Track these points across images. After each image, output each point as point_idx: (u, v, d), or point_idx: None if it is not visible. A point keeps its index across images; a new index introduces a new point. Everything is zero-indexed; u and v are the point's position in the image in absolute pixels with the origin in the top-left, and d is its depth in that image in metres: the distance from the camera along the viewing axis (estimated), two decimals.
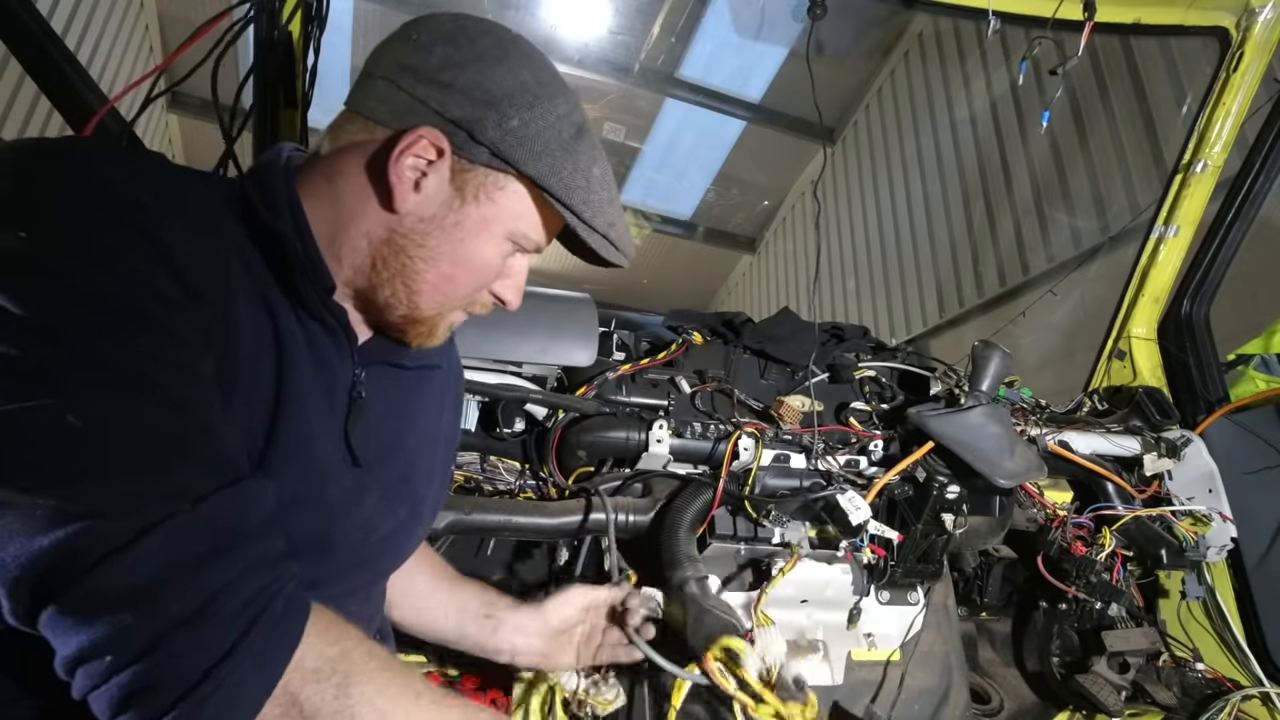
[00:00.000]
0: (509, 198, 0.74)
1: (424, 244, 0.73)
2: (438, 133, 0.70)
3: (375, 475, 0.79)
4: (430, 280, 0.75)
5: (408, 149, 0.70)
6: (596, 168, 0.76)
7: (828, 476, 1.48)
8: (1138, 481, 1.78)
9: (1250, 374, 2.05)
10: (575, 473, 1.43)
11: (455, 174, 0.72)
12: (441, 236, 0.73)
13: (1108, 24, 1.82)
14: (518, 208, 0.75)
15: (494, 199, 0.74)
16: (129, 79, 6.52)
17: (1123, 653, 1.64)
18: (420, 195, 0.72)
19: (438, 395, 0.95)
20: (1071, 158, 5.33)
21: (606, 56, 7.02)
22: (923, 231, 6.98)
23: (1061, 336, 4.55)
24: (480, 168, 0.73)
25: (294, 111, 1.54)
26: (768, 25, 6.87)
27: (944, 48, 6.88)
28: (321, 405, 0.73)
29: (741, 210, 9.94)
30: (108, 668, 0.49)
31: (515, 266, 0.81)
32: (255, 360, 0.66)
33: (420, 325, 0.79)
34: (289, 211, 0.71)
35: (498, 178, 0.73)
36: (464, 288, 0.78)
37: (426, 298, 0.76)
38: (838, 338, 1.76)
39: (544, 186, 0.73)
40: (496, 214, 0.74)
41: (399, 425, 0.85)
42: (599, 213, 0.76)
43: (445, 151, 0.71)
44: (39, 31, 1.28)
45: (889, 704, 1.43)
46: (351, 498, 0.76)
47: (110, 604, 0.49)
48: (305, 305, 0.71)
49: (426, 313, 0.77)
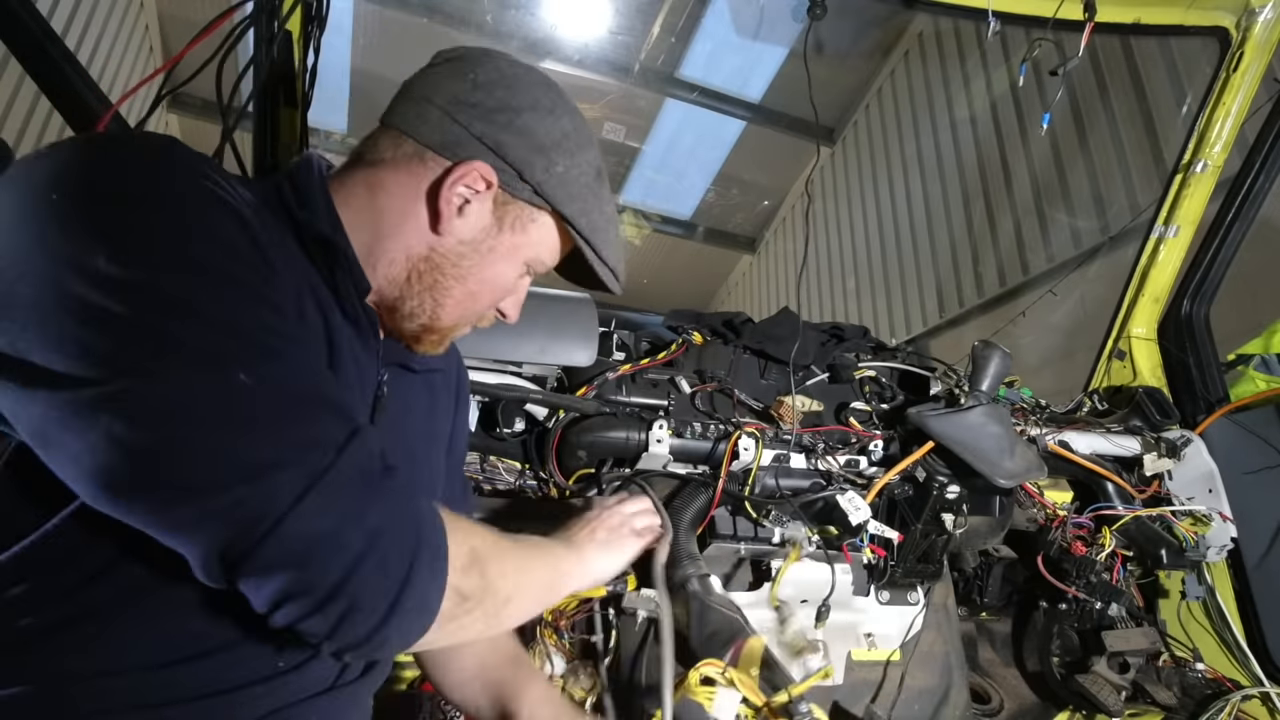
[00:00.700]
0: (539, 230, 0.84)
1: (459, 264, 0.81)
2: (489, 168, 0.79)
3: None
4: (456, 296, 0.83)
5: (461, 179, 0.78)
6: (609, 207, 0.88)
7: (828, 476, 1.48)
8: (1138, 481, 1.78)
9: (1250, 374, 2.05)
10: (576, 473, 1.43)
11: (498, 205, 0.81)
12: (476, 259, 0.82)
13: (1108, 24, 1.82)
14: (544, 239, 0.85)
15: (526, 230, 0.83)
16: (129, 79, 6.53)
17: (1123, 653, 1.64)
18: (462, 220, 0.80)
19: (441, 397, 1.01)
20: (1071, 158, 5.32)
21: (606, 56, 7.02)
22: (923, 231, 6.98)
23: (1061, 336, 4.55)
24: (521, 202, 0.82)
25: (294, 111, 1.54)
26: (768, 25, 6.87)
27: (944, 48, 6.87)
28: (359, 399, 0.79)
29: (741, 210, 9.94)
30: (312, 603, 0.56)
31: (522, 287, 0.91)
32: (321, 346, 0.72)
33: (435, 335, 0.86)
34: (326, 214, 0.76)
35: (533, 212, 0.83)
36: (482, 304, 0.86)
37: (449, 311, 0.84)
38: (838, 338, 1.76)
39: (576, 226, 0.84)
40: (526, 243, 0.84)
41: (407, 429, 0.90)
42: (611, 249, 0.88)
43: (493, 185, 0.80)
44: (39, 31, 1.28)
45: (889, 704, 1.43)
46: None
47: (299, 553, 0.55)
48: (344, 304, 0.76)
49: (445, 324, 0.85)
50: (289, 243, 0.72)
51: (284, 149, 1.57)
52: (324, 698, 0.76)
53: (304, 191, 0.76)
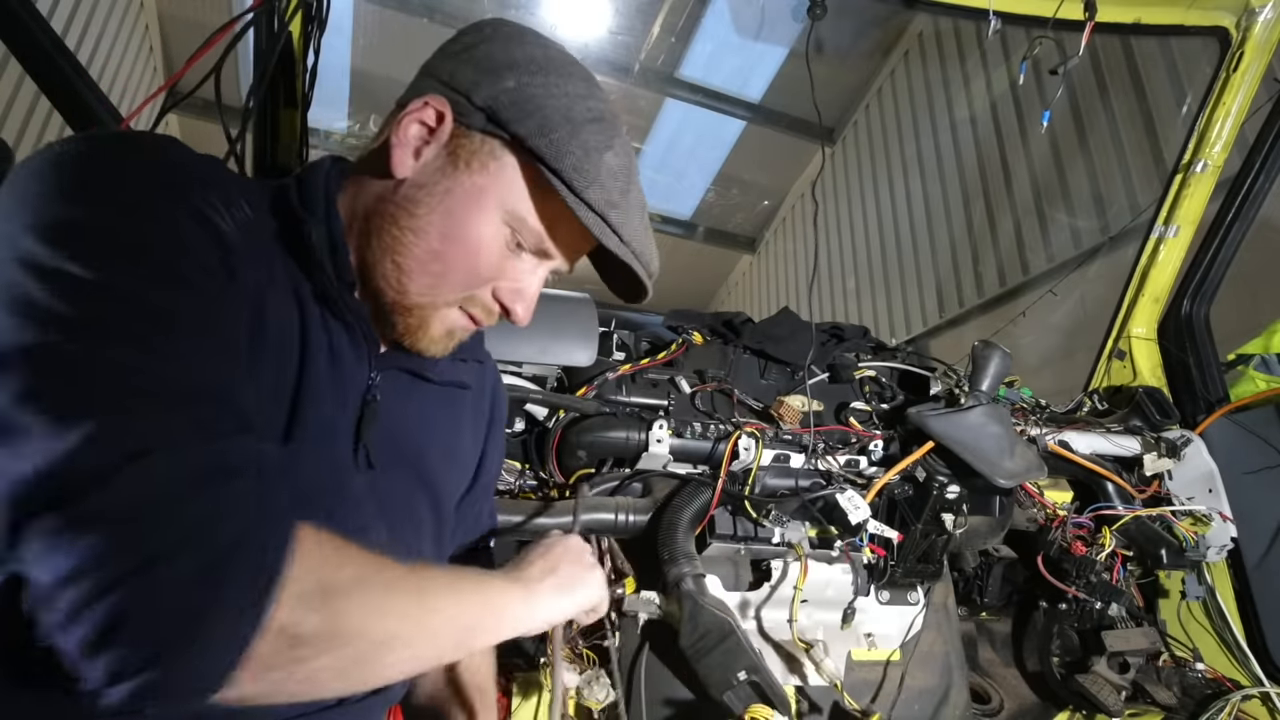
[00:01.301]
0: (504, 169, 0.71)
1: (415, 213, 0.71)
2: (441, 99, 0.71)
3: (387, 481, 0.77)
4: (418, 256, 0.71)
5: (410, 114, 0.71)
6: (610, 155, 0.71)
7: (827, 476, 1.48)
8: (1138, 481, 1.78)
9: (1250, 374, 2.05)
10: (576, 473, 1.43)
11: (453, 140, 0.71)
12: (432, 204, 0.71)
13: (1108, 24, 1.82)
14: (512, 181, 0.71)
15: (488, 168, 0.71)
16: (129, 79, 6.54)
17: (1123, 653, 1.64)
18: (420, 163, 0.71)
19: (467, 415, 0.92)
20: (1071, 158, 5.32)
21: (606, 56, 7.02)
22: (923, 231, 6.98)
23: (1061, 336, 4.54)
24: (477, 134, 0.71)
25: (294, 111, 1.54)
26: (768, 25, 6.87)
27: (944, 48, 6.87)
28: (334, 404, 0.72)
29: (741, 210, 9.93)
30: (79, 600, 0.44)
31: (523, 269, 0.76)
32: (280, 349, 0.67)
33: (410, 315, 0.74)
34: (322, 208, 0.72)
35: (492, 145, 0.71)
36: (455, 269, 0.72)
37: (415, 278, 0.72)
38: (838, 338, 1.76)
39: (532, 148, 0.68)
40: (490, 185, 0.71)
41: (420, 438, 0.83)
42: (594, 184, 0.69)
43: (446, 117, 0.70)
44: (39, 31, 1.28)
45: (889, 704, 1.43)
46: (358, 500, 0.74)
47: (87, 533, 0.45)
48: (328, 302, 0.71)
49: (415, 298, 0.73)
50: (272, 243, 0.69)
51: (284, 149, 1.57)
52: (334, 712, 0.74)
53: (306, 188, 0.73)
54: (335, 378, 0.72)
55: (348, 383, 0.74)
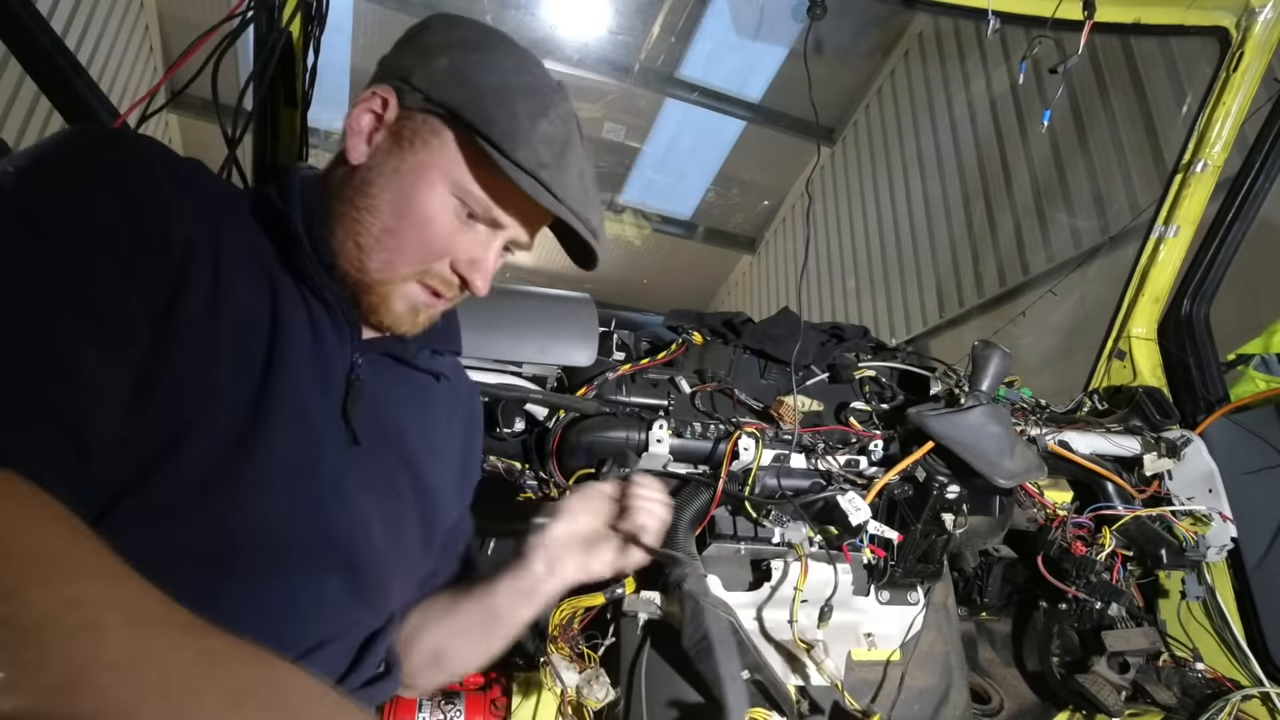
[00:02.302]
0: (445, 144, 0.75)
1: (369, 193, 0.76)
2: (386, 87, 0.76)
3: (371, 459, 0.79)
4: (373, 233, 0.76)
5: (361, 105, 0.77)
6: (545, 123, 0.74)
7: (828, 476, 1.48)
8: (1138, 481, 1.78)
9: (1250, 374, 2.05)
10: (576, 473, 1.43)
11: (398, 123, 0.76)
12: (383, 184, 0.75)
13: (1108, 24, 1.82)
14: (452, 152, 0.75)
15: (429, 144, 0.75)
16: (129, 78, 6.53)
17: (1123, 653, 1.63)
18: (372, 148, 0.77)
19: (445, 407, 0.96)
20: (1071, 158, 5.32)
21: (606, 56, 7.02)
22: (923, 231, 6.98)
23: (1061, 336, 4.54)
24: (418, 114, 0.75)
25: (294, 111, 1.54)
26: (767, 25, 6.87)
27: (944, 48, 6.87)
28: (314, 382, 0.74)
29: (741, 210, 9.93)
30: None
31: (477, 241, 0.79)
32: (247, 326, 0.69)
33: (371, 291, 0.78)
34: (299, 198, 0.77)
35: (433, 123, 0.75)
36: (408, 243, 0.76)
37: (372, 255, 0.76)
38: (838, 338, 1.76)
39: (463, 117, 0.73)
40: (434, 160, 0.75)
41: (401, 421, 0.85)
42: (524, 147, 0.72)
43: (390, 102, 0.76)
44: (39, 31, 1.28)
45: (889, 704, 1.43)
46: (335, 476, 0.75)
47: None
48: (307, 283, 0.75)
49: (374, 274, 0.77)
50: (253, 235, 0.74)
51: (284, 149, 1.57)
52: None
53: (285, 183, 0.79)
54: (317, 356, 0.75)
55: (330, 362, 0.77)
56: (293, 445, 0.70)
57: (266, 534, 0.68)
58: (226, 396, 0.66)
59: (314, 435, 0.73)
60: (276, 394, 0.69)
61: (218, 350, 0.66)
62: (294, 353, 0.72)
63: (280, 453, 0.69)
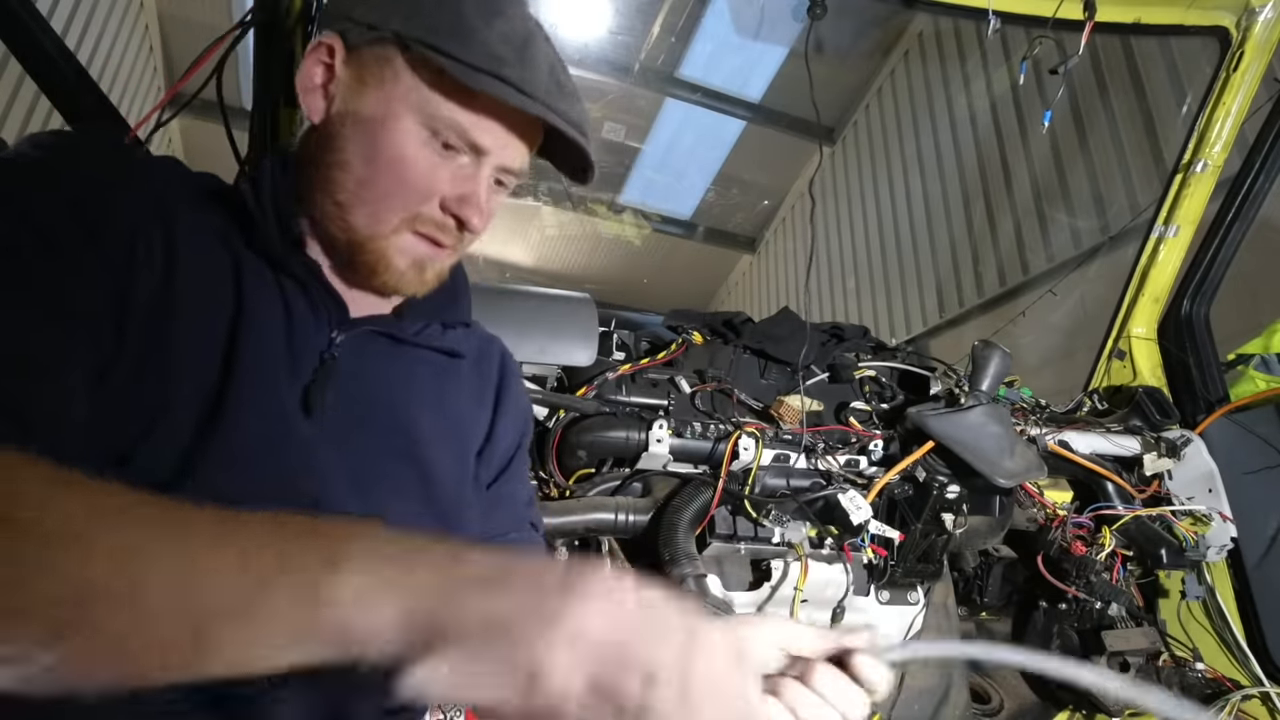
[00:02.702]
0: (399, 72, 0.69)
1: (334, 147, 0.71)
2: (330, 33, 0.71)
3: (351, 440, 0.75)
4: (349, 188, 0.71)
5: (307, 57, 0.72)
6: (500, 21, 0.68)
7: (828, 476, 1.48)
8: (1138, 481, 1.78)
9: (1250, 374, 2.05)
10: (576, 473, 1.43)
11: (349, 67, 0.71)
12: (347, 134, 0.71)
13: (1108, 24, 1.82)
14: (409, 80, 0.69)
15: (382, 78, 0.69)
16: (129, 78, 6.54)
17: (1123, 652, 1.64)
18: (329, 102, 0.72)
19: (465, 384, 0.88)
20: (1071, 158, 5.33)
21: (606, 56, 7.02)
22: (923, 231, 6.98)
23: (1061, 336, 4.55)
24: (366, 50, 0.70)
25: (294, 111, 1.54)
26: (768, 25, 6.87)
27: (944, 48, 6.88)
28: (283, 363, 0.71)
29: (741, 210, 9.94)
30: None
31: (461, 172, 0.73)
32: (206, 313, 0.67)
33: (364, 250, 0.73)
34: (267, 177, 0.74)
35: (382, 54, 0.69)
36: (389, 190, 0.71)
37: (355, 212, 0.72)
38: (838, 338, 1.76)
39: (409, 36, 0.67)
40: (392, 93, 0.69)
41: (398, 399, 0.79)
42: (475, 45, 0.66)
43: (337, 48, 0.71)
44: (39, 31, 1.28)
45: (889, 704, 1.43)
46: (304, 455, 0.71)
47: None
48: (275, 262, 0.72)
49: (362, 231, 0.72)
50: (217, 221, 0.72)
51: (284, 149, 1.57)
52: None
53: (257, 169, 0.76)
54: (289, 337, 0.71)
55: (304, 342, 0.72)
56: (252, 424, 0.67)
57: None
58: (186, 386, 0.65)
59: (275, 415, 0.69)
60: (238, 374, 0.66)
61: (173, 341, 0.64)
62: (259, 336, 0.69)
63: (244, 439, 0.66)
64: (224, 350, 0.67)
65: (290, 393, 0.71)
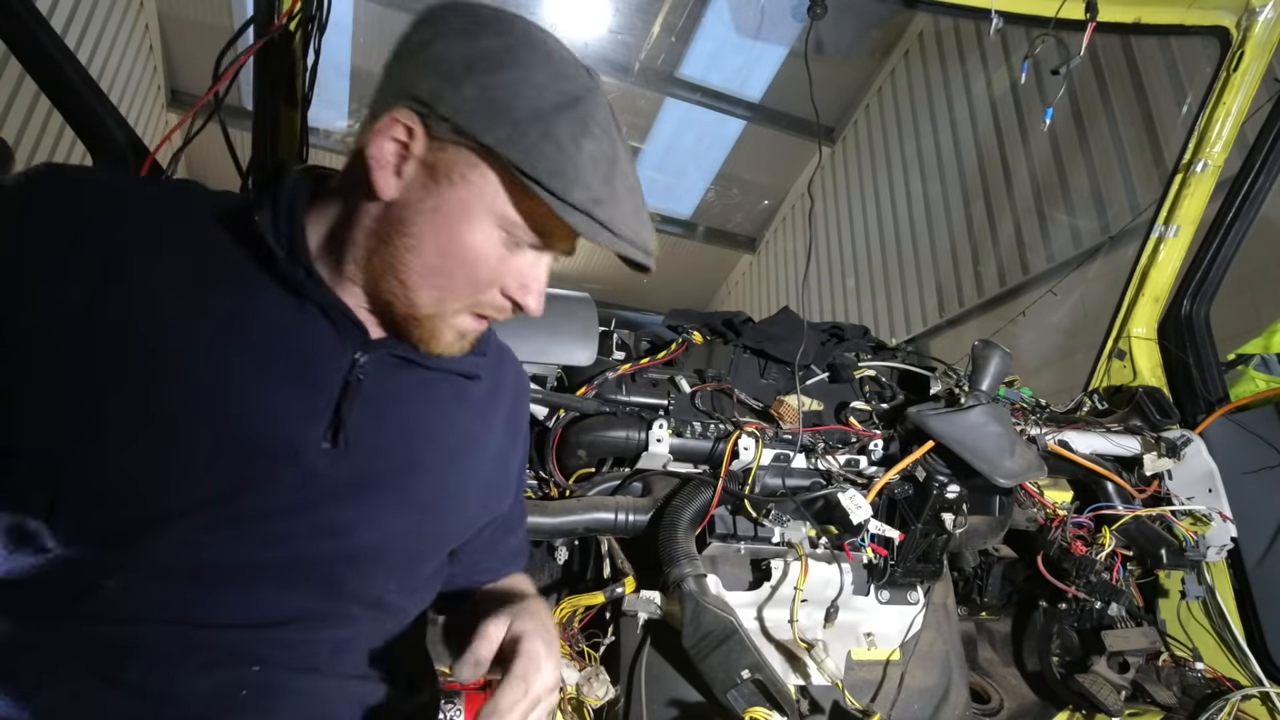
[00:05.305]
0: (484, 178, 0.69)
1: (408, 232, 0.71)
2: (409, 112, 0.69)
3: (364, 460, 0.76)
4: (419, 271, 0.72)
5: (381, 132, 0.69)
6: (589, 142, 0.69)
7: (828, 476, 1.48)
8: (1138, 481, 1.78)
9: (1250, 374, 2.05)
10: (576, 472, 1.43)
11: (429, 154, 0.70)
12: (422, 223, 0.71)
13: (1108, 23, 1.82)
14: (494, 188, 0.70)
15: (468, 179, 0.69)
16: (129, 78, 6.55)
17: (1123, 652, 1.64)
18: (402, 182, 0.71)
19: (481, 407, 0.91)
20: (1071, 157, 5.33)
21: (606, 56, 7.02)
22: (923, 231, 6.98)
23: (1061, 336, 4.55)
24: (450, 146, 0.69)
25: (294, 111, 1.54)
26: (768, 25, 6.88)
27: (944, 47, 6.88)
28: (292, 385, 0.72)
29: (741, 210, 9.94)
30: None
31: (525, 265, 0.76)
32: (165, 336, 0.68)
33: (420, 326, 0.75)
34: (285, 203, 0.74)
35: (468, 156, 0.69)
36: (457, 281, 0.73)
37: (421, 293, 0.73)
38: (838, 338, 1.76)
39: (504, 156, 0.67)
40: (475, 197, 0.70)
41: (416, 421, 0.82)
42: (575, 184, 0.68)
43: (416, 132, 0.69)
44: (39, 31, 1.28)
45: (889, 703, 1.43)
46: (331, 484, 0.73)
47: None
48: (289, 285, 0.72)
49: (425, 309, 0.74)
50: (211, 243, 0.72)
51: (284, 149, 1.57)
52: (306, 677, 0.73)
53: (272, 193, 0.75)
54: (298, 362, 0.73)
55: (328, 363, 0.74)
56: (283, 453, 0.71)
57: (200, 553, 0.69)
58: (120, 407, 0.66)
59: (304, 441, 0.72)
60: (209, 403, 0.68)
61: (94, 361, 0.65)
62: (253, 359, 0.70)
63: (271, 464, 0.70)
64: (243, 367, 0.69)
65: (304, 418, 0.73)
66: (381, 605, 0.82)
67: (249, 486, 0.69)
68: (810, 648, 1.29)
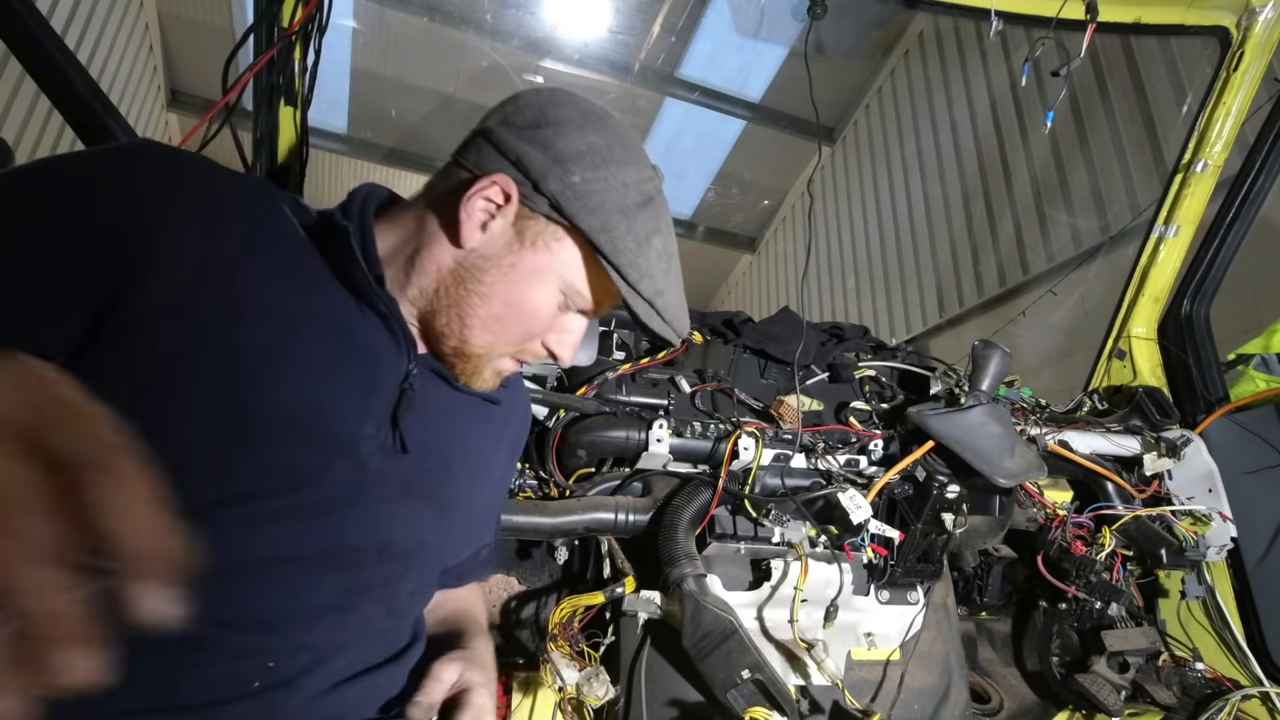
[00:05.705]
0: (564, 250, 0.81)
1: (481, 280, 0.81)
2: (509, 180, 0.79)
3: (414, 466, 0.82)
4: (482, 316, 0.81)
5: (480, 191, 0.79)
6: (657, 239, 0.82)
7: (828, 476, 1.48)
8: (1138, 481, 1.78)
9: (1250, 374, 2.05)
10: (575, 472, 1.43)
11: (519, 220, 0.80)
12: (498, 275, 0.81)
13: (1109, 23, 1.82)
14: (571, 261, 0.82)
15: (550, 248, 0.81)
16: (129, 78, 6.55)
17: (1122, 652, 1.64)
18: (486, 235, 0.80)
19: (495, 430, 1.00)
20: (1071, 157, 5.33)
21: (606, 56, 7.02)
22: (923, 231, 6.98)
23: (1061, 336, 4.55)
24: (541, 218, 0.80)
25: (294, 111, 1.54)
26: (768, 25, 6.88)
27: (944, 48, 6.88)
28: (353, 383, 0.76)
29: (741, 210, 9.94)
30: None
31: (569, 323, 0.87)
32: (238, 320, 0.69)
33: (467, 362, 0.84)
34: (357, 214, 0.81)
35: (555, 229, 0.81)
36: (513, 330, 0.83)
37: (477, 333, 0.82)
38: (838, 337, 1.76)
39: (593, 242, 0.79)
40: (551, 263, 0.81)
41: (450, 435, 0.89)
42: (645, 277, 0.81)
43: (512, 198, 0.79)
44: (39, 31, 1.28)
45: (889, 703, 1.43)
46: (377, 482, 0.78)
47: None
48: (357, 292, 0.77)
49: (475, 349, 0.83)
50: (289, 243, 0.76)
51: (284, 149, 1.57)
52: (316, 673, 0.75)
53: (348, 201, 0.83)
54: (363, 363, 0.77)
55: (389, 369, 0.79)
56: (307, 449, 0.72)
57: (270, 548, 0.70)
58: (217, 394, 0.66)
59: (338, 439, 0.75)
60: (280, 393, 0.70)
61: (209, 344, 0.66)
62: (319, 354, 0.73)
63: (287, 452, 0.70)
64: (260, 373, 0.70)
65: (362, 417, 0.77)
66: (393, 607, 0.84)
67: (313, 477, 0.72)
68: (810, 648, 1.29)
